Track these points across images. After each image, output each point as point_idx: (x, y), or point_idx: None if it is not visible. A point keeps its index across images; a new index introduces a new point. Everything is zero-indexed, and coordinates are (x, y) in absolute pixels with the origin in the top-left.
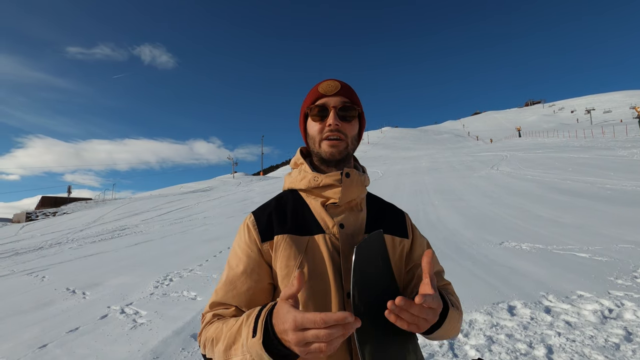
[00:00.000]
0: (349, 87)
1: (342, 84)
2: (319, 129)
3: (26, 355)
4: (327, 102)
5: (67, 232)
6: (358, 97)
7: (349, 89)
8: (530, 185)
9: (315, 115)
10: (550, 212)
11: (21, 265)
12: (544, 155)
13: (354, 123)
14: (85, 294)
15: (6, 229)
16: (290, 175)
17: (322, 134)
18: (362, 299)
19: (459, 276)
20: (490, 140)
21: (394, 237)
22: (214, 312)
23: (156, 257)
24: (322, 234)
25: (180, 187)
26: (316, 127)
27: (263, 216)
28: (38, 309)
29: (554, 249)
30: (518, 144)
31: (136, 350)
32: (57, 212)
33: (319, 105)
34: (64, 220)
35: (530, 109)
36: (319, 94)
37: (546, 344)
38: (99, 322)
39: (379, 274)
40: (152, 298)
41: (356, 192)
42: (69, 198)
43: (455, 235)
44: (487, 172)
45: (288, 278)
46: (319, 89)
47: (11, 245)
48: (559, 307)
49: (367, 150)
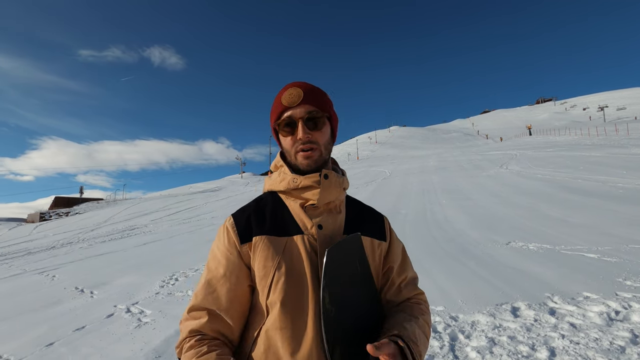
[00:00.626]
0: (313, 91)
1: (305, 90)
2: (290, 143)
3: (33, 354)
4: (293, 115)
5: (79, 232)
6: (325, 97)
7: (312, 93)
8: (540, 184)
9: (284, 130)
10: (559, 212)
11: (33, 264)
12: (555, 153)
13: (324, 129)
14: (93, 293)
15: (20, 229)
16: (270, 178)
17: (294, 147)
18: (334, 301)
19: (463, 277)
20: (500, 138)
21: (372, 240)
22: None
23: (163, 256)
24: (300, 235)
25: (189, 187)
26: (287, 141)
27: (242, 218)
28: (47, 308)
29: (562, 249)
30: (528, 143)
31: (139, 349)
32: (70, 212)
33: (286, 119)
34: (76, 220)
35: (541, 107)
36: (283, 107)
37: (549, 346)
38: (105, 321)
39: (355, 276)
40: (158, 297)
41: (334, 194)
42: (81, 198)
43: (461, 236)
44: (496, 171)
45: (266, 279)
46: (282, 101)
47: (24, 245)
48: (564, 308)
49: (375, 150)
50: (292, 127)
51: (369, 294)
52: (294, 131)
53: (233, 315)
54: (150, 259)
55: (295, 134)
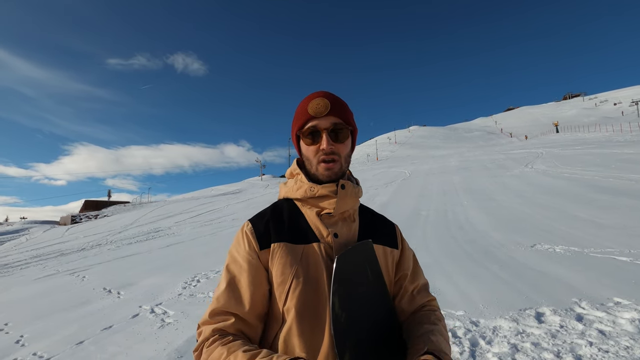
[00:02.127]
0: (339, 103)
1: (332, 102)
2: (313, 152)
3: (64, 351)
4: (318, 125)
5: (107, 234)
6: (349, 111)
7: (339, 105)
8: (567, 183)
9: (308, 139)
10: (588, 213)
11: (65, 265)
12: (584, 151)
13: (347, 142)
14: (120, 294)
15: (53, 231)
16: (285, 185)
17: (316, 157)
18: (344, 306)
19: (484, 280)
20: (525, 137)
21: (385, 248)
22: (215, 326)
23: (186, 258)
24: (317, 243)
25: (211, 190)
26: (310, 150)
27: (260, 224)
28: (77, 308)
29: (591, 252)
30: (555, 140)
31: (162, 349)
32: (99, 214)
33: (311, 128)
34: (105, 222)
35: (568, 103)
36: (309, 116)
37: (575, 354)
38: (131, 321)
39: (366, 282)
40: (180, 298)
41: (350, 204)
42: (109, 201)
43: (483, 237)
44: (521, 170)
45: (283, 286)
46: (308, 110)
47: (58, 247)
48: (592, 314)
49: (394, 150)
50: (315, 136)
51: (381, 300)
52: (317, 141)
53: (255, 319)
54: (174, 260)
55: (318, 144)
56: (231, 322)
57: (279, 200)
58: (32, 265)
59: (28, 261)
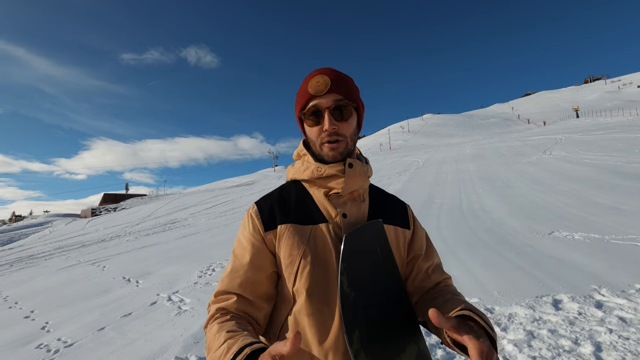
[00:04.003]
0: (341, 79)
1: (333, 78)
2: (316, 133)
3: (87, 337)
4: (319, 104)
5: (125, 226)
6: (353, 87)
7: (340, 81)
8: (588, 170)
9: (309, 120)
10: (610, 199)
11: (87, 256)
12: (606, 136)
13: (351, 120)
14: (139, 283)
15: (75, 224)
16: (293, 166)
17: (320, 137)
18: (352, 285)
19: (500, 267)
20: (543, 122)
21: (396, 228)
22: (218, 305)
23: (201, 248)
24: (325, 223)
25: (225, 182)
26: (313, 131)
27: (266, 206)
28: (98, 296)
29: (612, 238)
30: (575, 126)
31: (179, 335)
32: (117, 207)
33: (312, 108)
34: (123, 215)
35: (589, 87)
36: (310, 95)
37: (594, 341)
38: (149, 308)
39: (376, 261)
40: (196, 287)
41: (359, 183)
42: (126, 194)
43: (499, 225)
44: (539, 157)
45: (291, 267)
46: (308, 89)
47: (79, 238)
48: (612, 301)
49: (408, 139)
50: (318, 116)
51: (392, 279)
52: (320, 121)
53: (259, 299)
54: (189, 250)
55: (321, 124)
56: (233, 301)
57: (287, 182)
58: (56, 256)
59: (52, 252)
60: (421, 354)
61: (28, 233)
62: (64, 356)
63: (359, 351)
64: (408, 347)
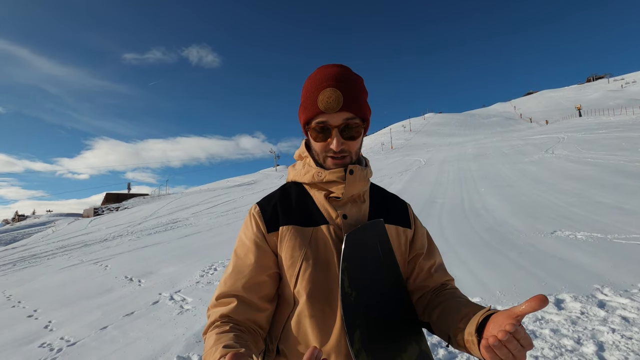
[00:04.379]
0: (353, 94)
1: (345, 94)
2: (321, 147)
3: (89, 336)
4: (328, 122)
5: (127, 226)
6: (364, 102)
7: (352, 97)
8: (591, 169)
9: (316, 134)
10: (613, 198)
11: (89, 255)
12: (608, 135)
13: (359, 138)
14: (141, 282)
15: (78, 223)
16: (294, 168)
17: (325, 152)
18: (353, 285)
19: (502, 267)
20: (545, 121)
21: (397, 227)
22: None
23: (203, 248)
24: (326, 225)
25: (226, 182)
26: (318, 145)
27: (268, 207)
28: (101, 295)
29: (615, 238)
30: (578, 124)
31: (181, 334)
32: (119, 207)
33: (320, 124)
34: (125, 214)
35: (592, 85)
36: (318, 110)
37: (597, 341)
38: (151, 308)
39: (377, 261)
40: (198, 286)
41: (359, 187)
42: (129, 194)
43: (501, 225)
44: (541, 156)
45: (293, 268)
46: (318, 103)
47: (82, 238)
48: (615, 301)
49: (409, 138)
50: (325, 133)
51: (393, 279)
52: (327, 138)
53: (261, 301)
54: (191, 250)
55: (327, 141)
56: (235, 306)
57: (287, 183)
58: (58, 255)
59: (54, 252)
60: (423, 353)
61: (31, 232)
62: (67, 355)
63: (360, 351)
64: (409, 346)
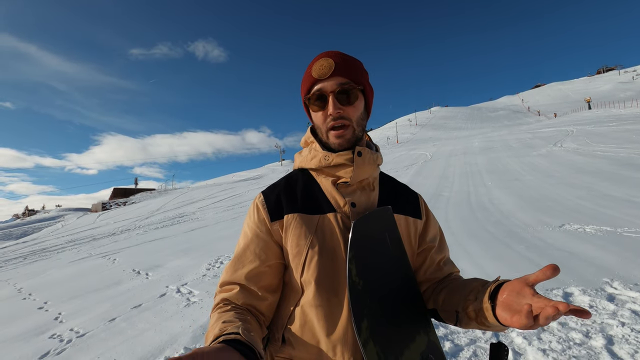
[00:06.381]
0: (346, 61)
1: (337, 60)
2: (321, 118)
3: (98, 327)
4: (323, 88)
5: (135, 220)
6: (359, 67)
7: (345, 64)
8: (600, 162)
9: (314, 105)
10: (623, 191)
11: (98, 249)
12: (619, 127)
13: (357, 103)
14: (148, 275)
15: (86, 218)
16: (300, 154)
17: (326, 123)
18: (361, 273)
19: (509, 260)
20: (554, 114)
21: (407, 217)
22: (222, 295)
23: (209, 241)
24: (333, 213)
25: (232, 176)
26: (318, 116)
27: (272, 195)
28: (109, 288)
29: (625, 231)
30: (587, 117)
31: (188, 326)
32: (127, 201)
33: (316, 93)
34: (133, 209)
35: (602, 77)
36: (314, 79)
37: (606, 334)
38: (158, 300)
39: (385, 249)
40: (204, 279)
41: (368, 171)
42: (136, 189)
43: (508, 218)
44: (549, 149)
45: (299, 257)
46: (312, 72)
47: (90, 232)
48: (625, 294)
49: (415, 132)
50: (322, 101)
51: (401, 268)
52: (325, 106)
53: (262, 291)
54: (198, 243)
55: (326, 108)
56: (236, 292)
57: (294, 170)
58: (68, 249)
59: (64, 245)
60: (431, 344)
61: (41, 227)
62: (76, 346)
63: (367, 340)
64: (417, 336)
